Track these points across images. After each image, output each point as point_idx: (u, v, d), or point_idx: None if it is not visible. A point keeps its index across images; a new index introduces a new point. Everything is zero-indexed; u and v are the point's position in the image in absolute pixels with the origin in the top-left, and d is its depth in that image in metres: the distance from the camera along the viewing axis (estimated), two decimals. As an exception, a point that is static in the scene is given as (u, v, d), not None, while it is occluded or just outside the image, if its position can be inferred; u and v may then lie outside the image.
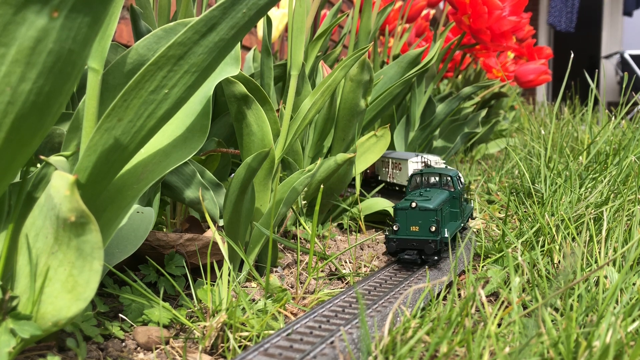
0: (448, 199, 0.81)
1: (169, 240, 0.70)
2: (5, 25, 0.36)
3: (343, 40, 1.21)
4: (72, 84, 0.42)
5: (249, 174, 0.66)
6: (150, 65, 0.45)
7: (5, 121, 0.39)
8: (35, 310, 0.45)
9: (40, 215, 0.44)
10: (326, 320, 0.54)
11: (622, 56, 5.00)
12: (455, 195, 0.83)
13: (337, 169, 0.92)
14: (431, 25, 2.01)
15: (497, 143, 2.22)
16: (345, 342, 0.48)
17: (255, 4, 0.47)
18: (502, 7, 1.31)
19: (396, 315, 0.58)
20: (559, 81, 1.44)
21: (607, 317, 0.48)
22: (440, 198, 0.78)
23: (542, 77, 1.87)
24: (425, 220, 0.74)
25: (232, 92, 0.69)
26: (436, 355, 0.51)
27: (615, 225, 0.77)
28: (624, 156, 1.14)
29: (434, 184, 0.87)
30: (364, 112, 1.04)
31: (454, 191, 0.84)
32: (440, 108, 1.46)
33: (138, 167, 0.53)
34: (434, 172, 0.87)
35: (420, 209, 0.74)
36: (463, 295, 0.70)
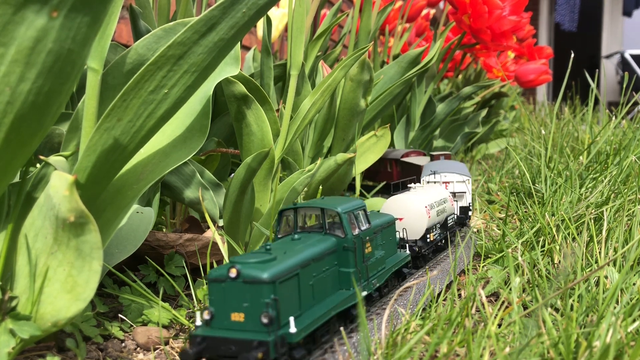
0: (325, 255, 0.51)
1: (169, 240, 0.70)
2: (5, 25, 0.36)
3: (343, 40, 1.21)
4: (72, 83, 0.42)
5: (249, 174, 0.66)
6: (149, 65, 0.45)
7: (5, 121, 0.39)
8: (35, 311, 0.45)
9: (40, 216, 0.44)
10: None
11: (622, 56, 5.00)
12: (348, 246, 0.53)
13: (337, 169, 0.92)
14: (431, 25, 2.01)
15: (498, 143, 2.22)
16: (345, 345, 0.48)
17: (254, 4, 0.47)
18: (502, 7, 1.31)
19: (396, 316, 0.58)
20: (560, 81, 1.44)
21: (608, 317, 0.48)
22: (302, 256, 0.48)
23: (542, 76, 1.86)
24: (255, 303, 0.42)
25: (231, 92, 0.69)
26: (436, 355, 0.51)
27: (615, 225, 0.77)
28: (625, 156, 1.14)
29: (317, 226, 0.56)
30: (364, 112, 1.04)
31: (346, 238, 0.53)
32: (440, 108, 1.45)
33: (138, 167, 0.53)
34: (313, 207, 0.55)
35: (246, 281, 0.42)
36: (463, 295, 0.70)
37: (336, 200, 0.57)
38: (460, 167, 1.00)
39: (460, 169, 0.98)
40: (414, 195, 0.77)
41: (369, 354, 0.46)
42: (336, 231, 0.54)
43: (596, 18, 6.06)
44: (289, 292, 0.45)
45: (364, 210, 0.58)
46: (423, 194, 0.78)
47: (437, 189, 0.85)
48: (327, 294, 0.51)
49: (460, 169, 0.98)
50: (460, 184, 0.94)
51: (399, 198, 0.76)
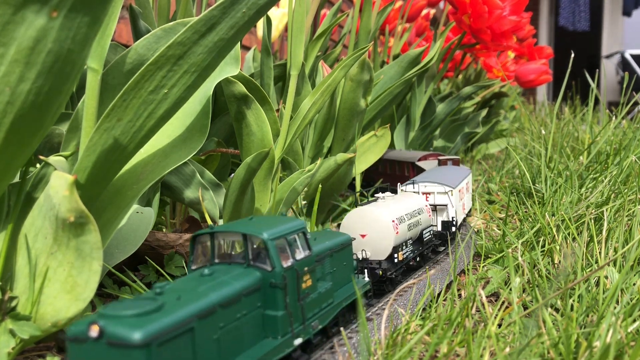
0: (243, 295, 0.40)
1: (169, 240, 0.70)
2: (5, 25, 0.36)
3: (343, 40, 1.21)
4: (72, 83, 0.42)
5: (249, 174, 0.66)
6: (149, 65, 0.45)
7: (5, 121, 0.39)
8: (35, 311, 0.45)
9: (40, 216, 0.44)
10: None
11: (622, 56, 5.00)
12: (276, 282, 0.42)
13: (337, 169, 0.92)
14: (431, 24, 2.01)
15: (498, 143, 2.22)
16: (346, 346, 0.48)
17: (254, 4, 0.47)
18: (502, 7, 1.31)
19: (396, 316, 0.58)
20: (560, 81, 1.44)
21: (608, 317, 0.48)
22: (202, 303, 0.36)
23: (542, 76, 1.86)
24: None
25: (231, 92, 0.69)
26: (436, 355, 0.51)
27: (615, 225, 0.77)
28: (625, 156, 1.14)
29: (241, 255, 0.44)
30: (364, 112, 1.04)
31: (274, 272, 0.42)
32: (440, 108, 1.45)
33: (137, 167, 0.53)
34: (233, 232, 0.44)
35: (111, 343, 0.31)
36: (463, 295, 0.69)
37: (264, 223, 0.45)
38: (453, 177, 0.90)
39: (449, 179, 0.87)
40: (380, 207, 0.66)
41: (369, 354, 0.46)
42: (262, 263, 0.42)
43: (596, 18, 6.06)
44: (177, 356, 0.33)
45: (304, 233, 0.47)
46: (391, 205, 0.68)
47: (411, 199, 0.75)
48: (245, 347, 0.40)
49: (449, 179, 0.88)
50: (442, 196, 0.84)
51: (361, 211, 0.65)
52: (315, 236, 0.53)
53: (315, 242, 0.51)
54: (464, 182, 0.93)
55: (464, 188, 0.95)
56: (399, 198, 0.73)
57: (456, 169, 1.00)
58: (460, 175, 0.94)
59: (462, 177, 0.94)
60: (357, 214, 0.65)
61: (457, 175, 0.93)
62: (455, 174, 0.93)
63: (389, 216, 0.65)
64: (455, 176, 0.91)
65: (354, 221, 0.65)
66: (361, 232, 0.64)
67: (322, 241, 0.52)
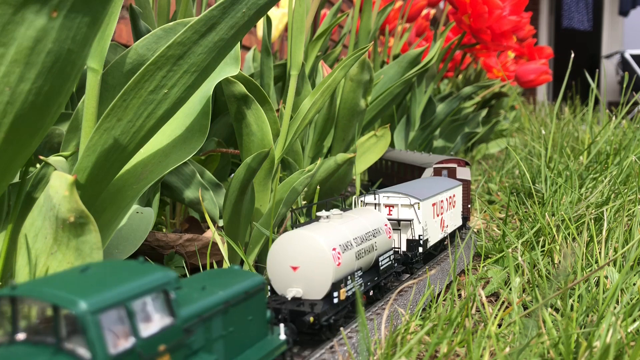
0: None
1: (169, 240, 0.70)
2: (4, 25, 0.36)
3: (343, 40, 1.21)
4: (72, 83, 0.41)
5: (249, 174, 0.66)
6: (149, 65, 0.45)
7: (4, 121, 0.39)
8: (35, 311, 0.44)
9: (40, 216, 0.44)
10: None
11: (622, 56, 5.00)
12: None
13: (337, 169, 0.92)
14: (431, 24, 2.01)
15: (498, 143, 2.22)
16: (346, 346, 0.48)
17: (254, 4, 0.47)
18: (502, 7, 1.31)
19: (396, 316, 0.58)
20: (560, 81, 1.44)
21: (608, 318, 0.48)
22: None
23: (542, 76, 1.87)
24: None
25: (231, 92, 0.69)
26: (436, 355, 0.51)
27: (615, 225, 0.77)
28: (625, 156, 1.14)
29: (50, 332, 0.29)
30: (364, 112, 1.04)
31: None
32: (440, 108, 1.45)
33: (137, 167, 0.53)
34: (38, 298, 0.28)
35: None
36: (463, 295, 0.69)
37: (90, 283, 0.29)
38: (428, 188, 0.77)
39: (420, 190, 0.74)
40: (318, 230, 0.51)
41: (368, 354, 0.46)
42: (79, 346, 0.28)
43: (596, 18, 6.06)
44: None
45: (165, 292, 0.31)
46: (336, 227, 0.54)
47: (366, 216, 0.60)
48: None
49: (421, 189, 0.74)
50: (407, 209, 0.69)
51: (292, 236, 0.50)
52: (205, 283, 0.37)
53: (198, 296, 0.35)
54: (443, 195, 0.80)
55: (445, 202, 0.80)
56: (349, 217, 0.58)
57: (441, 180, 0.87)
58: (442, 186, 0.81)
59: (443, 188, 0.80)
60: (288, 239, 0.50)
61: (436, 186, 0.80)
62: (435, 184, 0.81)
63: (328, 243, 0.50)
64: (433, 187, 0.79)
65: (284, 249, 0.50)
66: (292, 264, 0.50)
67: (211, 292, 0.36)
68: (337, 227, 0.54)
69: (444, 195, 0.80)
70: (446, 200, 0.81)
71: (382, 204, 0.70)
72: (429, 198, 0.72)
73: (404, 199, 0.70)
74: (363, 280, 0.56)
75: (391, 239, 0.63)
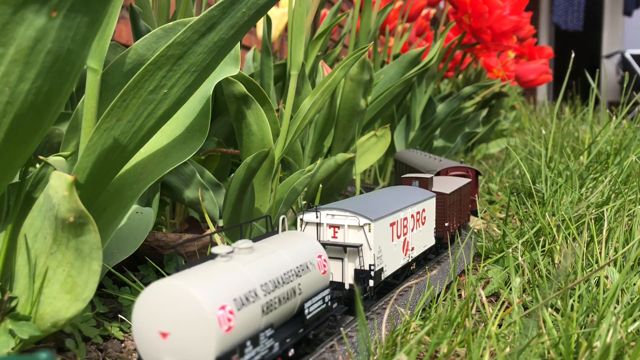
0: None
1: (169, 240, 0.70)
2: (4, 25, 0.36)
3: (343, 40, 1.21)
4: (71, 83, 0.41)
5: (249, 174, 0.66)
6: (149, 65, 0.45)
7: (4, 121, 0.39)
8: (34, 311, 0.45)
9: (39, 216, 0.44)
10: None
11: (623, 56, 5.00)
12: None
13: (337, 169, 0.92)
14: (432, 24, 2.01)
15: (498, 143, 2.22)
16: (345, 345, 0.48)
17: (254, 4, 0.47)
18: (502, 7, 1.31)
19: (396, 316, 0.58)
20: (560, 81, 1.44)
21: (608, 318, 0.47)
22: None
23: (542, 76, 1.86)
24: None
25: (231, 92, 0.69)
26: (436, 355, 0.51)
27: (616, 225, 0.77)
28: (625, 156, 1.14)
29: None
30: (364, 112, 1.03)
31: None
32: (440, 108, 1.45)
33: (137, 167, 0.53)
34: None
35: None
36: (463, 295, 0.69)
37: None
38: (386, 203, 0.61)
39: (374, 207, 0.59)
40: (196, 280, 0.36)
41: (368, 354, 0.46)
42: None
43: (597, 17, 6.06)
44: None
45: None
46: (232, 270, 0.38)
47: (286, 249, 0.44)
48: None
49: (376, 206, 0.59)
50: (355, 232, 0.55)
51: (159, 290, 0.35)
52: None
53: None
54: (407, 211, 0.64)
55: (410, 219, 0.66)
56: (262, 250, 0.43)
57: (408, 192, 0.71)
58: (406, 200, 0.66)
59: (407, 203, 0.65)
60: (154, 294, 0.35)
61: (397, 200, 0.65)
62: (397, 198, 0.66)
63: (211, 299, 0.35)
64: (393, 201, 0.63)
65: (149, 308, 0.35)
66: (160, 329, 0.35)
67: None
68: (236, 269, 0.39)
69: (409, 212, 0.65)
70: (412, 217, 0.66)
71: (326, 224, 0.55)
72: (384, 217, 0.57)
73: (352, 219, 0.55)
74: (276, 340, 0.41)
75: (327, 275, 0.48)
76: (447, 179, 0.88)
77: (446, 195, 0.78)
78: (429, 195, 0.74)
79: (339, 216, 0.56)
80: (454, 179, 0.88)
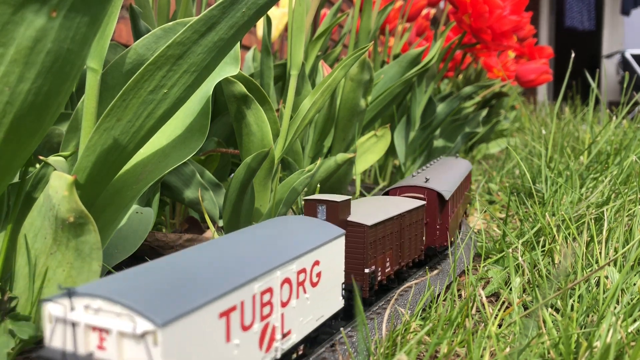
0: None
1: (168, 240, 0.70)
2: (4, 25, 0.36)
3: (343, 40, 1.21)
4: (71, 83, 0.41)
5: (249, 174, 0.66)
6: (149, 65, 0.45)
7: (4, 121, 0.39)
8: (34, 311, 0.45)
9: (39, 216, 0.44)
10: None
11: (623, 55, 5.00)
12: None
13: (337, 169, 0.92)
14: (432, 24, 2.01)
15: (498, 143, 2.22)
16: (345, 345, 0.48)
17: (254, 4, 0.46)
18: (503, 7, 1.31)
19: (396, 316, 0.58)
20: (560, 81, 1.44)
21: (608, 318, 0.47)
22: None
23: (543, 76, 1.86)
24: None
25: (231, 91, 0.69)
26: (436, 355, 0.51)
27: (616, 225, 0.77)
28: (625, 156, 1.14)
29: None
30: (364, 112, 1.03)
31: None
32: (440, 108, 1.45)
33: (137, 167, 0.53)
34: None
35: None
36: (463, 295, 0.69)
37: None
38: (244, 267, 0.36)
39: (186, 291, 0.31)
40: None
41: (368, 354, 0.46)
42: None
43: (597, 17, 6.06)
44: None
45: None
46: None
47: None
48: None
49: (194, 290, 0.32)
50: (133, 344, 0.28)
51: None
52: None
53: None
54: (269, 279, 0.38)
55: (279, 289, 0.39)
56: None
57: (294, 232, 0.46)
58: (273, 256, 0.40)
59: (272, 265, 0.38)
60: None
61: (251, 259, 0.38)
62: (257, 252, 0.39)
63: None
64: (237, 267, 0.36)
65: None
66: None
67: None
68: None
69: (276, 278, 0.39)
70: (286, 283, 0.40)
71: (84, 324, 0.29)
72: (197, 310, 0.30)
73: (125, 319, 0.28)
74: None
75: None
76: (381, 201, 0.68)
77: (366, 228, 0.55)
78: (329, 235, 0.47)
79: (106, 312, 0.29)
80: (398, 201, 0.68)
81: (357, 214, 0.57)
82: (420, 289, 0.66)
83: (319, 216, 0.55)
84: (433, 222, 0.75)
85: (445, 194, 0.75)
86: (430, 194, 0.75)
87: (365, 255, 0.55)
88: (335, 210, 0.54)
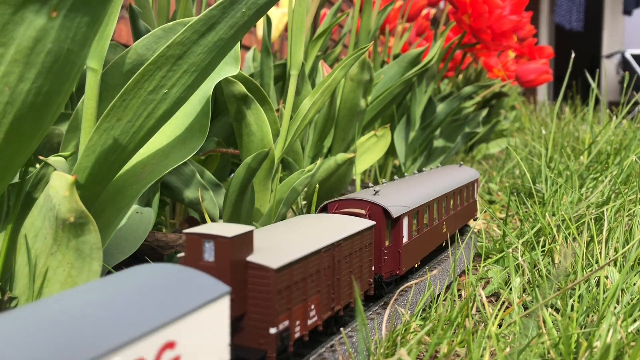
0: None
1: (168, 240, 0.70)
2: (4, 25, 0.36)
3: (343, 40, 1.21)
4: (71, 83, 0.41)
5: (249, 174, 0.66)
6: (149, 65, 0.45)
7: (4, 121, 0.39)
8: (34, 311, 0.44)
9: (40, 216, 0.44)
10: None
11: (623, 55, 5.00)
12: None
13: (337, 169, 0.92)
14: (432, 24, 2.01)
15: (498, 143, 2.22)
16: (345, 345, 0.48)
17: (254, 4, 0.46)
18: (502, 6, 1.31)
19: (396, 316, 0.58)
20: (560, 81, 1.44)
21: (608, 318, 0.47)
22: None
23: (543, 76, 1.86)
24: None
25: (231, 91, 0.69)
26: (436, 355, 0.51)
27: (616, 225, 0.77)
28: (625, 156, 1.14)
29: None
30: (364, 112, 1.03)
31: None
32: (440, 108, 1.45)
33: (137, 167, 0.53)
34: None
35: None
36: (464, 295, 0.69)
37: None
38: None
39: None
40: None
41: (368, 354, 0.46)
42: None
43: (597, 17, 6.06)
44: None
45: None
46: None
47: None
48: None
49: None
50: None
51: None
52: None
53: None
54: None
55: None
56: None
57: (152, 295, 0.30)
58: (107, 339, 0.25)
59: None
60: None
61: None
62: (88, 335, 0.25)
63: None
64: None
65: None
66: None
67: None
68: None
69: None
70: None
71: None
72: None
73: None
74: None
75: None
76: (309, 225, 0.53)
77: (272, 273, 0.40)
78: (201, 297, 0.33)
79: None
80: (335, 223, 0.54)
81: (262, 251, 0.42)
82: (420, 289, 0.66)
83: (205, 256, 0.39)
84: (378, 244, 0.60)
85: (394, 210, 0.60)
86: (374, 210, 0.60)
87: (272, 309, 0.40)
88: (226, 248, 0.38)
